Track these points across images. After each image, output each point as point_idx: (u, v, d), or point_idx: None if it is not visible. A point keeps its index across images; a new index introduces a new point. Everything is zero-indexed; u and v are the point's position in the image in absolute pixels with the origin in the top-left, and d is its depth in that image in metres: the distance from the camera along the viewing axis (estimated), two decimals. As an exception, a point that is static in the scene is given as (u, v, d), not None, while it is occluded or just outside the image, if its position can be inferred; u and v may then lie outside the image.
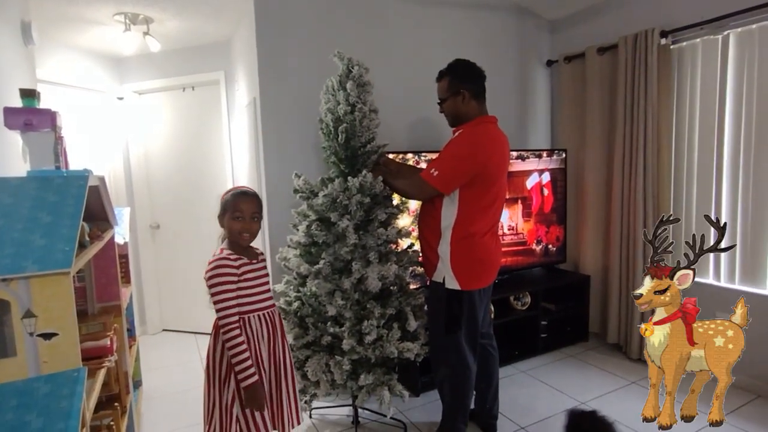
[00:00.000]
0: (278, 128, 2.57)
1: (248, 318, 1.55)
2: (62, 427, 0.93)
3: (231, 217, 1.54)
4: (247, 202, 1.56)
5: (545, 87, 3.59)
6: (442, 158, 1.91)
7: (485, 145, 1.87)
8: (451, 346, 1.97)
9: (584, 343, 3.23)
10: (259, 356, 1.55)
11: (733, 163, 2.58)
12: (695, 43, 2.68)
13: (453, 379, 2.00)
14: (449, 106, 1.99)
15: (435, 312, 2.01)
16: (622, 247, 2.99)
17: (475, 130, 1.92)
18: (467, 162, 1.85)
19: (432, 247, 1.98)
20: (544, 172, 3.14)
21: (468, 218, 1.90)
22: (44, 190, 1.22)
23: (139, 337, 3.55)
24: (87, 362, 1.35)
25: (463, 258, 1.91)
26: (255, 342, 1.55)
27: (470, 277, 1.92)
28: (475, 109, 1.96)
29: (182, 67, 3.43)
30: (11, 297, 1.04)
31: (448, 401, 2.04)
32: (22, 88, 1.45)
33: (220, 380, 1.54)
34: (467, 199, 1.89)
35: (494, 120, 1.99)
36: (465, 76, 1.95)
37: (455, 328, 1.94)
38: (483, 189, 1.90)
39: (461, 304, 1.93)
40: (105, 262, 2.03)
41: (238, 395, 1.51)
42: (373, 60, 2.26)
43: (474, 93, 1.95)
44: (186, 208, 3.61)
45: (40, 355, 1.08)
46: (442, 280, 1.94)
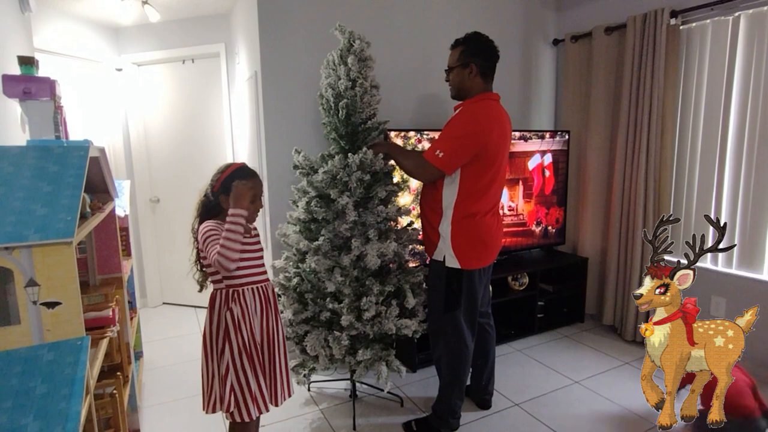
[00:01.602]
0: (279, 103, 2.54)
1: (242, 290, 1.56)
2: (66, 392, 0.95)
3: (250, 200, 1.53)
4: (259, 184, 1.60)
5: (550, 67, 3.54)
6: (444, 138, 1.89)
7: (485, 122, 1.85)
8: (450, 324, 1.99)
9: (580, 324, 3.28)
10: (251, 329, 1.57)
11: (737, 147, 2.56)
12: (705, 24, 2.64)
13: (450, 355, 2.03)
14: (455, 77, 1.96)
15: (435, 290, 2.03)
16: (622, 230, 3.00)
17: (474, 107, 1.90)
18: (468, 140, 1.84)
19: (433, 226, 1.98)
20: (546, 153, 3.13)
21: (469, 197, 1.90)
22: (44, 159, 1.21)
23: (140, 310, 3.60)
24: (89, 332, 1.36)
25: (464, 237, 1.92)
26: (248, 315, 1.56)
27: (470, 257, 1.93)
28: (480, 85, 1.93)
29: (182, 38, 3.37)
30: (13, 265, 1.05)
31: (445, 377, 2.08)
32: (21, 56, 1.43)
33: (217, 352, 1.57)
34: (468, 178, 1.89)
35: (497, 97, 1.96)
36: (478, 50, 1.92)
37: (454, 306, 1.97)
38: (483, 168, 1.89)
39: (460, 282, 1.95)
40: (106, 234, 2.04)
41: (232, 365, 1.53)
42: (375, 35, 2.22)
43: (482, 69, 1.92)
44: (186, 182, 3.59)
45: (44, 324, 1.09)
46: (442, 258, 1.95)
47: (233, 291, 1.56)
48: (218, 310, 1.56)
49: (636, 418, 2.18)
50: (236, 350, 1.53)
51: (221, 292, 1.57)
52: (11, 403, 0.91)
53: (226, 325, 1.54)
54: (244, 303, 1.56)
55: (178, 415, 2.29)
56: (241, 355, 1.54)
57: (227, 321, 1.53)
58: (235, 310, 1.54)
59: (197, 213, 1.63)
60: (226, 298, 1.56)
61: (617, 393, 2.39)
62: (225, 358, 1.54)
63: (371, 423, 2.19)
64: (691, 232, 2.79)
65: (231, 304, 1.54)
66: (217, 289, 1.58)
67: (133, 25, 3.37)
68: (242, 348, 1.54)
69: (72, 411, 0.91)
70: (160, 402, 2.41)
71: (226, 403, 1.53)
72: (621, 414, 2.21)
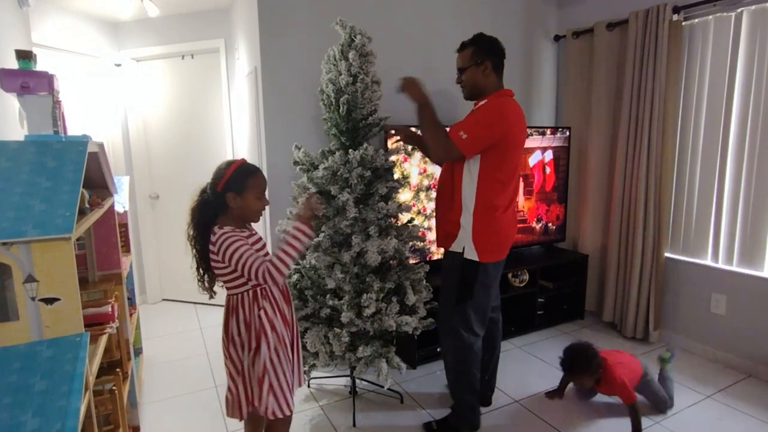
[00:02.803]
0: (280, 99, 2.53)
1: (268, 287, 1.57)
2: (66, 389, 0.94)
3: (254, 197, 1.52)
4: (263, 180, 1.56)
5: (552, 63, 3.52)
6: (469, 123, 1.88)
7: (510, 114, 1.87)
8: (460, 317, 2.00)
9: (580, 320, 3.27)
10: (284, 321, 1.58)
11: (739, 145, 2.55)
12: (707, 20, 2.62)
13: (459, 350, 2.03)
14: (469, 76, 1.96)
15: (448, 282, 2.03)
16: (622, 227, 2.99)
17: (498, 101, 1.91)
18: (493, 128, 1.84)
19: (452, 218, 1.97)
20: (548, 149, 3.12)
21: (489, 191, 1.91)
22: (43, 154, 1.20)
23: (139, 306, 3.59)
24: (89, 328, 1.36)
25: (485, 230, 1.93)
26: (278, 309, 1.57)
27: (489, 249, 1.94)
28: (494, 83, 1.95)
29: (181, 33, 3.36)
30: (12, 261, 1.04)
31: (453, 372, 2.09)
32: (19, 50, 1.42)
33: (249, 354, 1.53)
34: (486, 172, 1.89)
35: (512, 94, 1.98)
36: (489, 48, 1.94)
37: (466, 298, 1.98)
38: (501, 161, 1.89)
39: (476, 274, 1.96)
40: (105, 230, 2.03)
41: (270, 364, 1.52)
42: (377, 30, 2.21)
43: (495, 66, 1.94)
44: (186, 179, 3.58)
45: (43, 320, 1.08)
46: (461, 249, 1.95)
47: (261, 289, 1.54)
48: (248, 311, 1.52)
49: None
50: (272, 347, 1.53)
51: (248, 293, 1.53)
52: (10, 399, 0.91)
53: (260, 324, 1.52)
54: (272, 299, 1.56)
55: (178, 412, 2.29)
56: (277, 352, 1.54)
57: (261, 320, 1.52)
58: (267, 308, 1.53)
59: (193, 219, 1.55)
60: (254, 298, 1.53)
61: (617, 390, 2.39)
62: (262, 358, 1.51)
63: (371, 419, 2.19)
64: (691, 228, 2.78)
65: (263, 303, 1.53)
66: (240, 291, 1.54)
67: (132, 20, 3.35)
68: (277, 344, 1.54)
69: (71, 407, 0.91)
70: (159, 398, 2.41)
71: (264, 404, 1.52)
72: (620, 410, 2.21)
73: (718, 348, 2.68)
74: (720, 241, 2.66)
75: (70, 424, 0.87)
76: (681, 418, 2.15)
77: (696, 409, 2.23)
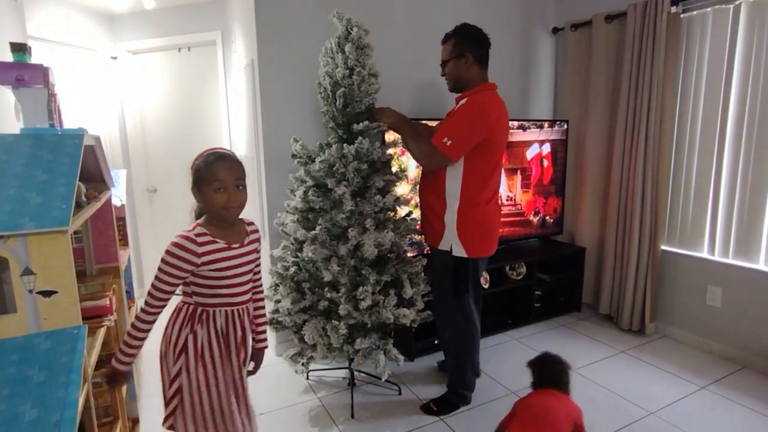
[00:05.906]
0: (277, 91, 2.52)
1: (213, 312, 1.31)
2: (64, 380, 0.95)
3: (211, 189, 1.24)
4: (227, 168, 1.25)
5: (550, 55, 3.51)
6: (452, 126, 1.89)
7: (491, 112, 1.88)
8: (459, 308, 2.05)
9: (576, 313, 3.29)
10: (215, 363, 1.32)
11: (736, 137, 2.56)
12: (706, 13, 2.61)
13: (461, 338, 2.09)
14: (451, 69, 1.97)
15: (440, 279, 2.06)
16: (619, 219, 3.00)
17: (479, 97, 1.91)
18: (476, 129, 1.86)
19: (438, 215, 1.99)
20: (545, 143, 3.11)
21: (473, 187, 1.92)
22: (39, 147, 1.20)
23: (137, 300, 3.59)
24: (87, 321, 1.36)
25: (471, 227, 1.95)
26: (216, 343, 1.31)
27: (477, 246, 1.97)
28: (477, 74, 1.94)
29: (178, 26, 3.33)
30: (9, 254, 1.04)
31: (457, 358, 2.15)
32: (13, 42, 1.41)
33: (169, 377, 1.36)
34: (472, 168, 1.90)
35: (495, 87, 1.97)
36: (471, 40, 1.94)
37: (463, 291, 2.02)
38: (487, 157, 1.90)
39: (467, 270, 1.98)
40: (102, 224, 2.02)
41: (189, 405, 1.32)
42: (374, 22, 2.20)
43: (477, 58, 1.93)
44: (183, 172, 3.56)
45: (40, 313, 1.09)
46: (449, 248, 1.97)
47: (202, 310, 1.30)
48: (177, 327, 1.31)
49: (631, 406, 2.20)
50: (194, 385, 1.29)
51: (187, 307, 1.32)
52: (9, 391, 0.91)
53: (183, 347, 1.29)
54: (213, 328, 1.30)
55: (177, 404, 2.30)
56: (200, 395, 1.29)
57: (186, 344, 1.29)
58: (200, 334, 1.29)
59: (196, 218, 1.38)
60: (191, 316, 1.31)
61: (613, 381, 2.41)
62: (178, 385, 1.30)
63: (369, 411, 2.21)
64: (688, 221, 2.79)
65: (197, 327, 1.30)
66: (185, 302, 1.34)
67: (128, 12, 3.32)
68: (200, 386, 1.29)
69: (69, 398, 0.91)
70: (158, 391, 2.41)
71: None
72: (616, 402, 2.23)
73: (714, 339, 2.70)
74: (716, 233, 2.67)
75: (68, 415, 0.88)
76: (675, 409, 2.17)
77: (690, 399, 2.26)
